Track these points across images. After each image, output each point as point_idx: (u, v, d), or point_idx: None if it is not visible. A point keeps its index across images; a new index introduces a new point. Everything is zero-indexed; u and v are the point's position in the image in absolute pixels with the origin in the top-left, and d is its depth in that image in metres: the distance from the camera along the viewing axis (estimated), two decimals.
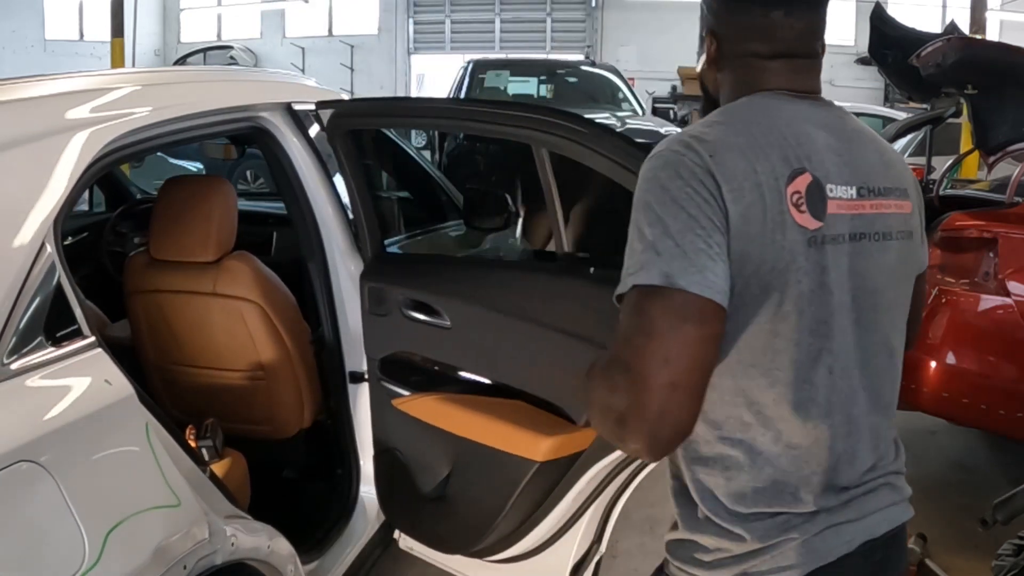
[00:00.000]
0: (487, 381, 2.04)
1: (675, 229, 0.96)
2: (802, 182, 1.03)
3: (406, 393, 2.11)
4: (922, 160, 5.39)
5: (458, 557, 2.11)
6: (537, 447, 1.83)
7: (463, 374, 2.09)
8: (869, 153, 1.13)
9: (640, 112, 8.27)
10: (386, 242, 2.30)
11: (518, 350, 1.93)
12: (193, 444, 1.84)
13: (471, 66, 8.83)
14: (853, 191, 1.08)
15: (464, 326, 2.00)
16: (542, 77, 8.99)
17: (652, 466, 1.65)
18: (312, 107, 2.30)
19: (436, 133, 6.85)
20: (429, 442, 2.05)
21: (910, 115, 6.33)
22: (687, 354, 0.93)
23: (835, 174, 1.07)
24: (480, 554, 2.02)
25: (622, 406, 0.93)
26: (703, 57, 1.18)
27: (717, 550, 1.06)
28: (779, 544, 1.04)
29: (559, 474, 1.84)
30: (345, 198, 2.25)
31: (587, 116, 2.34)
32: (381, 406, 2.16)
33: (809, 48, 1.14)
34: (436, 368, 2.15)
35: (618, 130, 4.86)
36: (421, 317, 2.06)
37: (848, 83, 15.43)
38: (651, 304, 0.95)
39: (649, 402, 0.92)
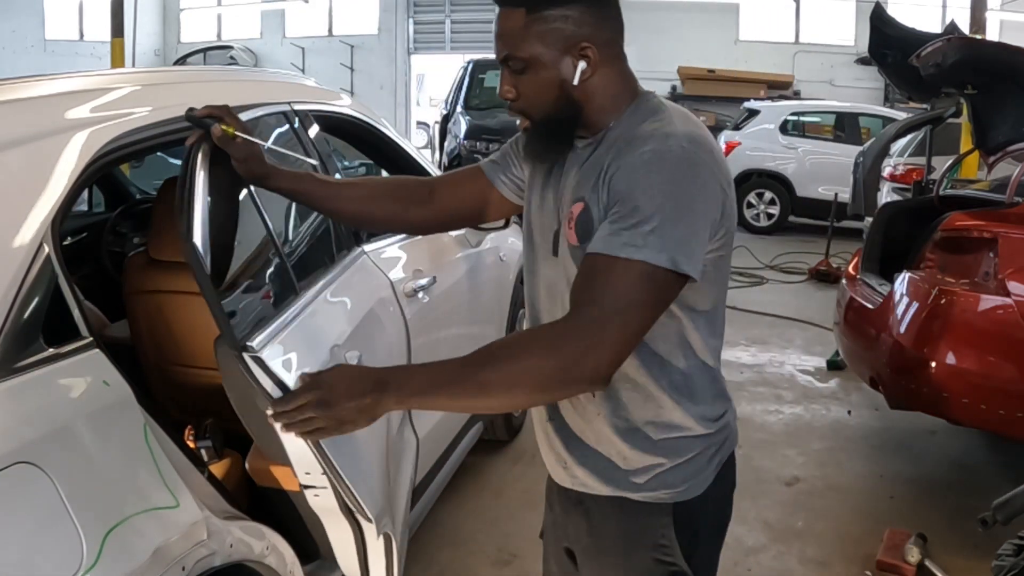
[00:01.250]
0: None
1: (683, 222, 1.14)
2: None
3: None
4: (922, 160, 5.40)
5: None
6: (249, 467, 1.94)
7: None
8: None
9: None
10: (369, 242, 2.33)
11: None
12: (192, 445, 1.84)
13: (471, 66, 8.85)
14: None
15: None
16: None
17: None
18: (312, 107, 2.30)
19: (436, 133, 6.85)
20: None
21: (910, 115, 6.33)
22: (654, 320, 1.17)
23: None
24: None
25: (601, 361, 1.12)
26: (578, 73, 1.22)
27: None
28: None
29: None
30: None
31: None
32: None
33: None
34: None
35: None
36: None
37: (848, 83, 15.43)
38: (654, 282, 1.13)
39: (620, 358, 1.15)
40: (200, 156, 1.48)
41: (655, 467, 1.30)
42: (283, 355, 1.65)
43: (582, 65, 1.22)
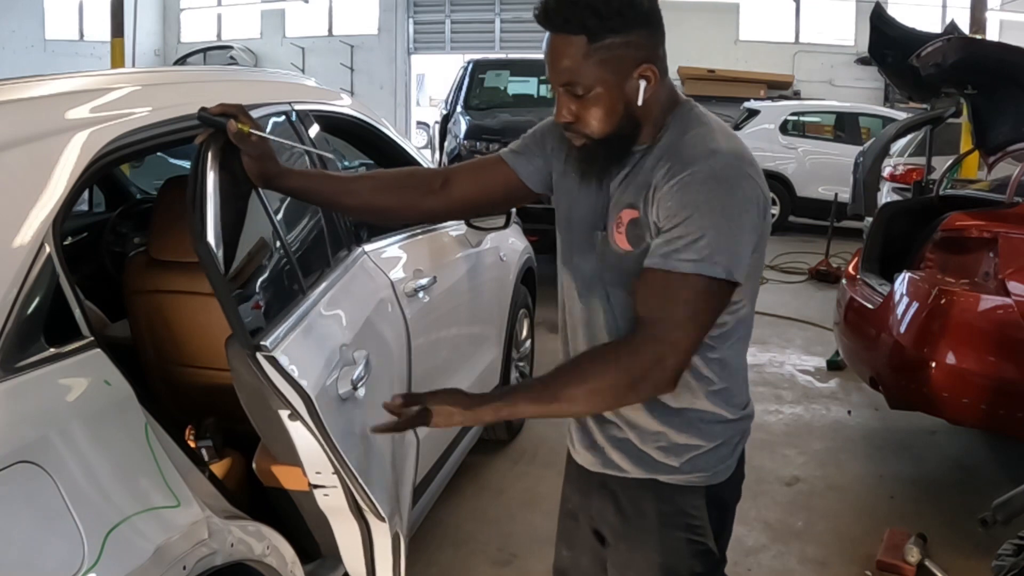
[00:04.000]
0: None
1: (735, 236, 1.24)
2: None
3: None
4: (922, 160, 5.40)
5: None
6: (256, 467, 1.90)
7: None
8: None
9: None
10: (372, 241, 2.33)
11: None
12: (193, 444, 1.84)
13: (471, 66, 8.82)
14: None
15: None
16: (542, 77, 8.97)
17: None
18: (312, 107, 2.30)
19: (436, 133, 6.85)
20: None
21: (910, 115, 6.33)
22: (712, 325, 1.30)
23: None
24: None
25: (667, 371, 1.24)
26: (641, 93, 1.27)
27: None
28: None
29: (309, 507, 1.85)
30: None
31: None
32: None
33: None
34: None
35: None
36: None
37: (848, 83, 15.43)
38: (710, 293, 1.24)
39: (683, 366, 1.27)
40: (211, 155, 1.48)
41: (692, 450, 1.38)
42: (294, 354, 1.65)
43: (643, 84, 1.27)
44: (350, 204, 1.59)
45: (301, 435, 1.65)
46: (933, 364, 2.99)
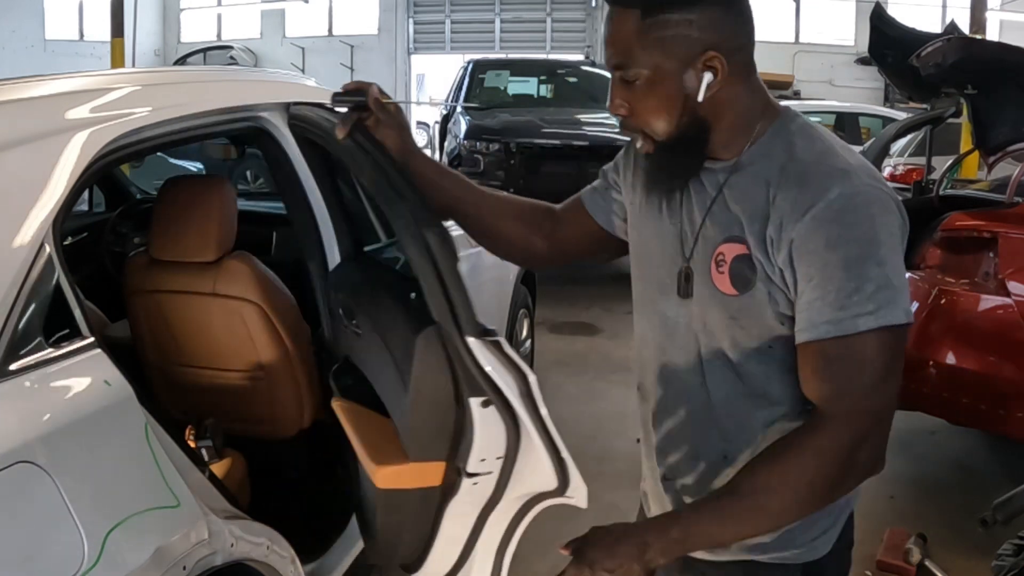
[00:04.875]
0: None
1: (898, 266, 1.02)
2: None
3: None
4: (922, 160, 5.40)
5: None
6: (376, 472, 1.67)
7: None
8: None
9: None
10: (368, 247, 2.29)
11: (386, 366, 1.77)
12: (193, 444, 1.84)
13: (471, 66, 8.82)
14: None
15: (369, 334, 1.86)
16: (542, 77, 8.99)
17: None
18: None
19: (436, 133, 6.86)
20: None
21: (910, 115, 6.33)
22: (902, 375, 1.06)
23: None
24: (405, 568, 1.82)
25: (875, 446, 1.04)
26: (703, 86, 1.07)
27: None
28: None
29: (412, 507, 1.68)
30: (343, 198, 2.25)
31: (588, 116, 2.32)
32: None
33: None
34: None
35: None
36: (346, 322, 1.97)
37: (848, 83, 15.44)
38: (895, 344, 1.02)
39: (885, 433, 1.05)
40: (372, 137, 1.42)
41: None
42: None
43: (708, 77, 1.06)
44: (467, 213, 1.43)
45: (490, 421, 1.48)
46: (933, 364, 2.99)
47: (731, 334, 1.10)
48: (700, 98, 1.06)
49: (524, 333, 3.82)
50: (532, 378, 1.40)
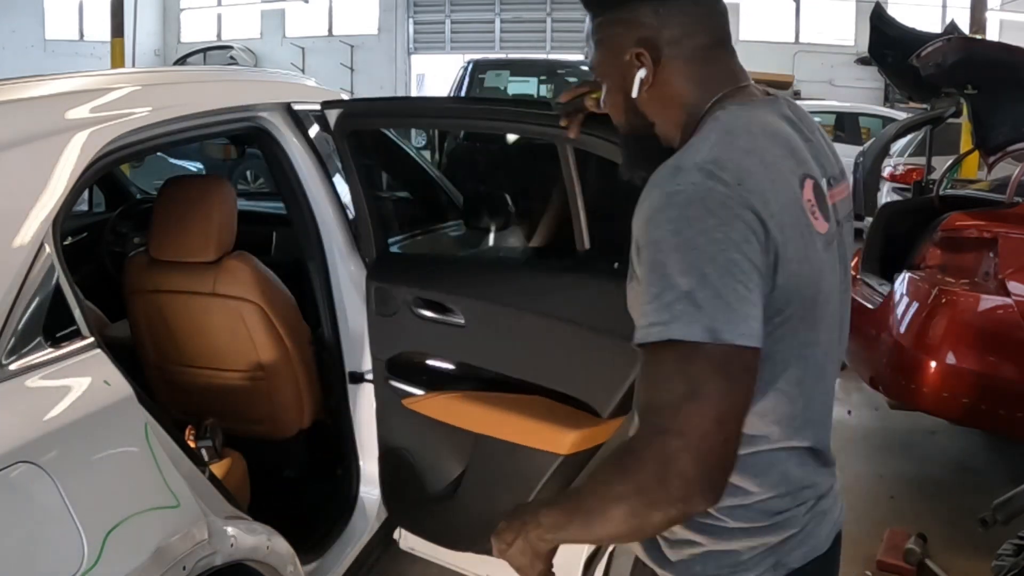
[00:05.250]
0: (502, 378, 2.02)
1: (714, 276, 0.88)
2: (809, 188, 0.99)
3: (417, 392, 2.09)
4: (922, 160, 5.39)
5: (468, 555, 2.09)
6: (562, 440, 1.84)
7: (477, 372, 2.07)
8: (822, 140, 1.12)
9: None
10: (389, 241, 2.29)
11: (537, 346, 1.93)
12: (192, 444, 1.84)
13: (471, 66, 8.83)
14: (825, 183, 1.06)
15: (479, 323, 1.99)
16: (542, 77, 9.01)
17: None
18: (313, 107, 2.30)
19: (436, 133, 6.85)
20: (441, 440, 2.04)
21: (910, 115, 6.33)
22: (738, 408, 0.90)
23: (817, 170, 1.04)
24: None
25: (684, 472, 0.87)
26: (636, 83, 1.05)
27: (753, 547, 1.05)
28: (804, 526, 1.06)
29: (579, 467, 1.85)
30: (345, 198, 2.25)
31: None
32: (388, 406, 2.14)
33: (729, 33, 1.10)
34: (447, 367, 2.14)
35: None
36: (431, 316, 2.05)
37: (848, 83, 15.43)
38: (694, 362, 0.88)
39: (709, 461, 0.87)
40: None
41: (689, 546, 1.06)
42: None
43: (641, 73, 1.04)
44: None
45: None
46: (933, 364, 2.99)
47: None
48: (634, 94, 1.06)
49: None
50: None
